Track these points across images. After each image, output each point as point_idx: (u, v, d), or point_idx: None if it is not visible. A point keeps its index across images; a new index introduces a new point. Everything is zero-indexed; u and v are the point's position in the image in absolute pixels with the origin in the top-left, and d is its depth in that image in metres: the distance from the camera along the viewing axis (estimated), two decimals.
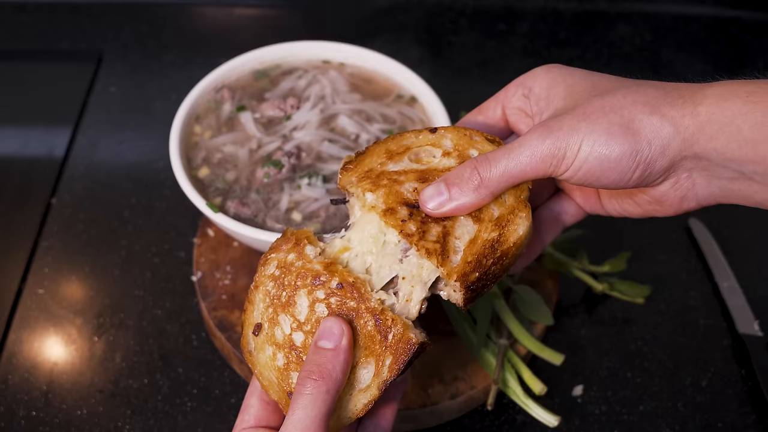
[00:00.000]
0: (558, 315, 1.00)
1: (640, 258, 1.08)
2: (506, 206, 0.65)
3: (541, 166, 0.60)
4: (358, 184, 0.66)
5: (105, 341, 0.97)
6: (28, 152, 1.22)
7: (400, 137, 0.69)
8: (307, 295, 0.64)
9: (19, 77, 1.36)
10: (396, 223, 0.63)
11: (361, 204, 0.66)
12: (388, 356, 0.62)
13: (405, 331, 0.61)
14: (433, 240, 0.63)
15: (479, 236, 0.63)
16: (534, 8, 1.50)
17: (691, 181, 0.61)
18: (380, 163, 0.68)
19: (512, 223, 0.64)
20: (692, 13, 1.49)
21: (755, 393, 0.94)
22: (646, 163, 0.58)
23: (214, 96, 1.01)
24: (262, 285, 0.67)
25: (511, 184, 0.63)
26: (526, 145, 0.60)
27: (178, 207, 1.12)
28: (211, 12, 1.49)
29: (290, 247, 0.66)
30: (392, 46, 1.41)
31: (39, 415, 0.90)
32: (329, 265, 0.64)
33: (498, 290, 0.92)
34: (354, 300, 0.63)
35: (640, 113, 0.58)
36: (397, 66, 1.04)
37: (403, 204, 0.64)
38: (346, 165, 0.68)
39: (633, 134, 0.57)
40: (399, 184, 0.65)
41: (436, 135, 0.69)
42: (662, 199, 0.63)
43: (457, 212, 0.63)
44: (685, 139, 0.57)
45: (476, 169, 0.62)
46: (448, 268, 0.62)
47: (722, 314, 1.02)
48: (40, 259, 1.06)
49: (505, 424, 0.90)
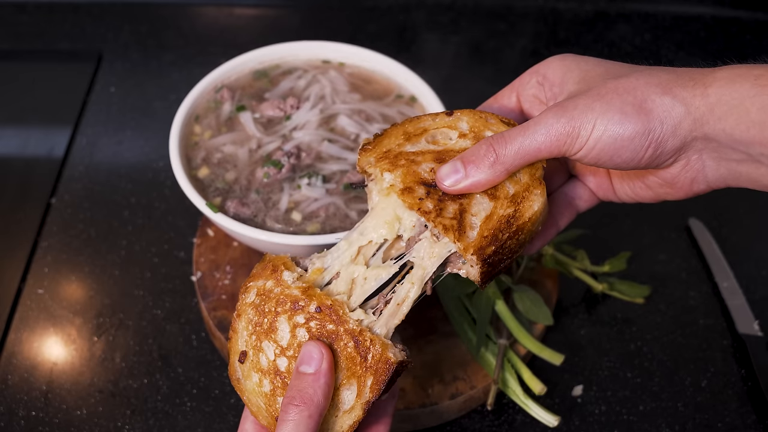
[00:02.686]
0: (558, 315, 1.00)
1: (640, 258, 1.08)
2: (521, 184, 0.65)
3: (556, 145, 0.61)
4: (376, 164, 0.67)
5: (105, 341, 0.97)
6: (27, 152, 1.22)
7: (417, 120, 0.70)
8: (287, 320, 0.65)
9: (18, 77, 1.36)
10: (413, 201, 0.64)
11: (378, 188, 0.67)
12: (369, 377, 0.63)
13: (384, 351, 0.63)
14: (449, 216, 0.63)
15: (495, 212, 0.64)
16: (534, 8, 1.50)
17: (701, 163, 0.62)
18: (398, 144, 0.69)
19: (527, 200, 0.65)
20: (692, 13, 1.49)
21: (755, 393, 0.94)
22: (657, 142, 0.59)
23: (214, 96, 1.01)
24: (244, 313, 0.68)
25: (526, 162, 0.64)
26: (542, 124, 0.61)
27: (177, 207, 1.12)
28: (211, 12, 1.49)
29: (268, 274, 0.67)
30: (392, 46, 1.41)
31: (39, 415, 0.90)
32: (307, 290, 0.66)
33: (498, 290, 0.92)
34: (333, 323, 0.64)
35: (653, 94, 0.59)
36: (396, 66, 1.04)
37: (421, 183, 0.65)
38: (364, 146, 0.69)
39: (646, 113, 0.59)
40: (416, 164, 0.66)
41: (452, 117, 0.70)
42: (673, 181, 0.64)
43: (472, 189, 0.64)
44: (696, 120, 0.58)
45: (492, 146, 0.63)
46: (465, 242, 0.63)
47: (722, 314, 1.02)
48: (39, 259, 1.06)
49: (505, 424, 0.90)
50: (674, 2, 1.50)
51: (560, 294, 1.02)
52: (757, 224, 1.14)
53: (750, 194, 1.17)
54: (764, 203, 1.17)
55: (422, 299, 0.88)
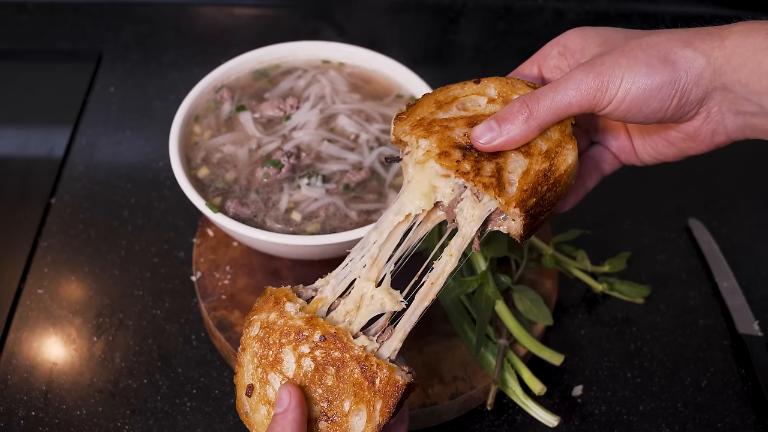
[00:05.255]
0: (558, 315, 1.00)
1: (640, 258, 1.08)
2: (553, 140, 0.67)
3: (586, 99, 0.64)
4: (411, 132, 0.69)
5: (104, 341, 0.97)
6: (27, 152, 1.21)
7: (447, 89, 0.73)
8: (292, 351, 0.66)
9: (18, 77, 1.36)
10: (451, 164, 0.66)
11: (413, 160, 0.68)
12: (378, 401, 0.63)
13: (391, 374, 0.64)
14: (488, 175, 0.65)
15: (531, 168, 0.66)
16: (534, 8, 1.50)
17: (720, 114, 0.65)
18: (430, 112, 0.71)
19: (561, 154, 0.67)
20: (692, 13, 1.49)
21: (755, 393, 0.94)
22: (682, 92, 0.62)
23: (214, 96, 1.01)
24: (249, 347, 0.69)
25: (558, 118, 0.66)
26: (572, 80, 0.64)
27: (177, 207, 1.12)
28: (211, 12, 1.49)
29: (270, 307, 0.69)
30: (392, 46, 1.41)
31: (38, 415, 0.90)
32: (310, 320, 0.67)
33: (498, 290, 0.92)
34: (338, 350, 0.65)
35: (675, 47, 0.63)
36: (396, 66, 1.04)
37: (456, 147, 0.67)
38: (398, 116, 0.71)
39: (671, 64, 0.62)
40: (450, 129, 0.68)
41: (480, 85, 0.72)
42: (695, 134, 0.67)
43: (507, 145, 0.66)
44: (715, 70, 0.62)
45: (525, 102, 0.65)
46: (506, 197, 0.64)
47: (722, 314, 1.02)
48: (39, 259, 1.06)
49: (505, 424, 0.90)
50: (674, 2, 1.50)
51: (560, 294, 1.02)
52: (757, 224, 1.14)
53: (750, 194, 1.18)
54: (764, 203, 1.17)
55: None
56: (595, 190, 1.16)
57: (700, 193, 1.18)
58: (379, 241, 0.68)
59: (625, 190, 1.17)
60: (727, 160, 1.21)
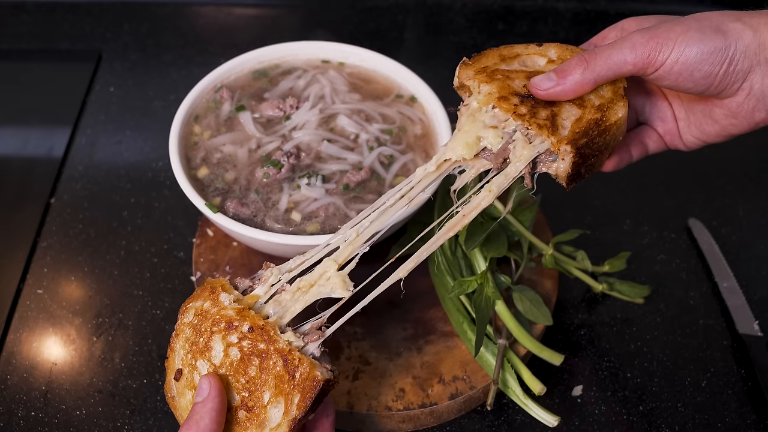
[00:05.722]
0: (558, 315, 1.00)
1: (640, 258, 1.08)
2: (605, 98, 0.72)
3: (641, 58, 0.68)
4: (474, 77, 0.74)
5: (104, 341, 0.97)
6: (27, 152, 1.21)
7: (511, 47, 0.78)
8: (221, 339, 0.69)
9: (18, 77, 1.36)
10: (509, 107, 0.71)
11: (468, 111, 0.74)
12: (296, 394, 0.65)
13: (311, 369, 0.66)
14: (543, 118, 0.70)
15: (584, 116, 0.71)
16: (534, 8, 1.50)
17: (761, 91, 0.69)
18: (494, 63, 0.76)
19: (611, 109, 0.72)
20: (692, 13, 1.49)
21: (755, 393, 0.94)
22: (731, 59, 0.67)
23: (214, 96, 1.01)
24: (182, 332, 0.72)
25: (613, 74, 0.70)
26: (628, 40, 0.69)
27: (177, 207, 1.12)
28: (211, 12, 1.49)
29: (206, 295, 0.71)
30: (392, 46, 1.41)
31: (38, 415, 0.89)
32: (242, 311, 0.69)
33: (497, 290, 0.91)
34: (264, 342, 0.67)
35: (727, 20, 0.68)
36: (396, 66, 1.04)
37: (515, 94, 0.72)
38: (464, 62, 0.76)
39: (722, 33, 0.67)
40: (510, 79, 0.74)
41: (542, 47, 0.78)
42: (738, 110, 0.71)
43: (563, 95, 0.71)
44: (761, 44, 0.67)
45: (583, 57, 0.71)
46: (558, 137, 0.69)
47: (722, 314, 1.02)
48: (39, 259, 1.05)
49: (505, 425, 0.90)
50: (674, 2, 1.50)
51: (560, 294, 1.02)
52: (757, 224, 1.14)
53: (750, 194, 1.18)
54: (764, 203, 1.17)
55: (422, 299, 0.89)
56: (595, 190, 1.16)
57: (700, 193, 1.18)
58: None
59: (625, 190, 1.17)
60: (727, 160, 1.21)
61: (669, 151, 0.83)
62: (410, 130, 0.99)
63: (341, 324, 0.70)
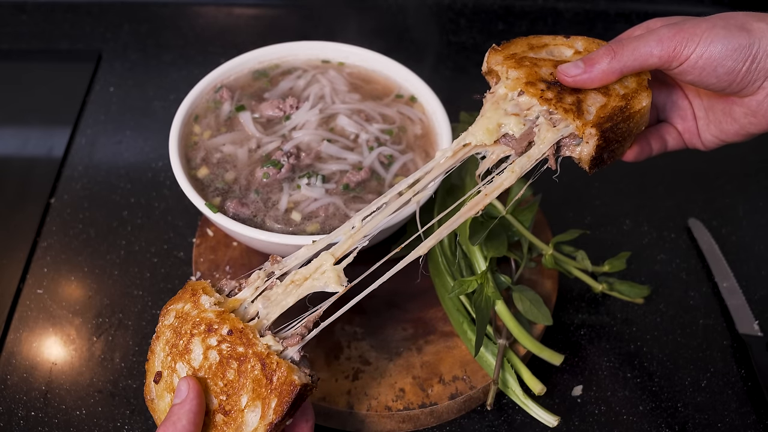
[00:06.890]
0: (558, 315, 1.00)
1: (640, 258, 1.08)
2: (630, 88, 0.75)
3: (666, 51, 0.70)
4: (503, 63, 0.77)
5: (104, 341, 0.97)
6: (27, 152, 1.21)
7: (539, 37, 0.81)
8: (201, 342, 0.69)
9: (18, 77, 1.36)
10: (536, 92, 0.73)
11: (493, 98, 0.75)
12: (273, 398, 0.65)
13: (289, 373, 0.65)
14: (569, 103, 0.72)
15: (609, 103, 0.73)
16: (534, 8, 1.50)
17: None
18: (522, 51, 0.78)
19: (635, 98, 0.74)
20: (692, 13, 1.49)
21: (755, 393, 0.94)
22: (754, 57, 0.69)
23: (214, 96, 1.01)
24: (162, 335, 0.71)
25: (638, 65, 0.72)
26: (655, 33, 0.71)
27: (177, 207, 1.12)
28: (211, 12, 1.49)
29: (187, 298, 0.71)
30: (392, 46, 1.41)
31: (38, 415, 0.89)
32: (222, 314, 0.69)
33: (497, 290, 0.91)
34: (243, 345, 0.67)
35: (751, 19, 0.70)
36: (396, 66, 1.04)
37: (542, 80, 0.75)
38: (494, 48, 0.78)
39: (747, 31, 0.69)
40: (538, 67, 0.76)
41: (569, 39, 0.80)
42: (758, 109, 0.73)
43: (590, 82, 0.73)
44: None
45: (611, 47, 0.73)
46: (583, 120, 0.71)
47: (722, 314, 1.02)
48: (39, 259, 1.05)
49: (505, 425, 0.90)
50: (674, 2, 1.50)
51: (560, 294, 1.02)
52: (757, 224, 1.14)
53: (750, 194, 1.17)
54: (764, 203, 1.17)
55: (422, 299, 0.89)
56: (595, 190, 1.16)
57: (700, 193, 1.18)
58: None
59: (625, 190, 1.17)
60: (727, 160, 1.21)
61: (669, 152, 0.84)
62: (410, 130, 0.99)
63: (327, 324, 0.70)
